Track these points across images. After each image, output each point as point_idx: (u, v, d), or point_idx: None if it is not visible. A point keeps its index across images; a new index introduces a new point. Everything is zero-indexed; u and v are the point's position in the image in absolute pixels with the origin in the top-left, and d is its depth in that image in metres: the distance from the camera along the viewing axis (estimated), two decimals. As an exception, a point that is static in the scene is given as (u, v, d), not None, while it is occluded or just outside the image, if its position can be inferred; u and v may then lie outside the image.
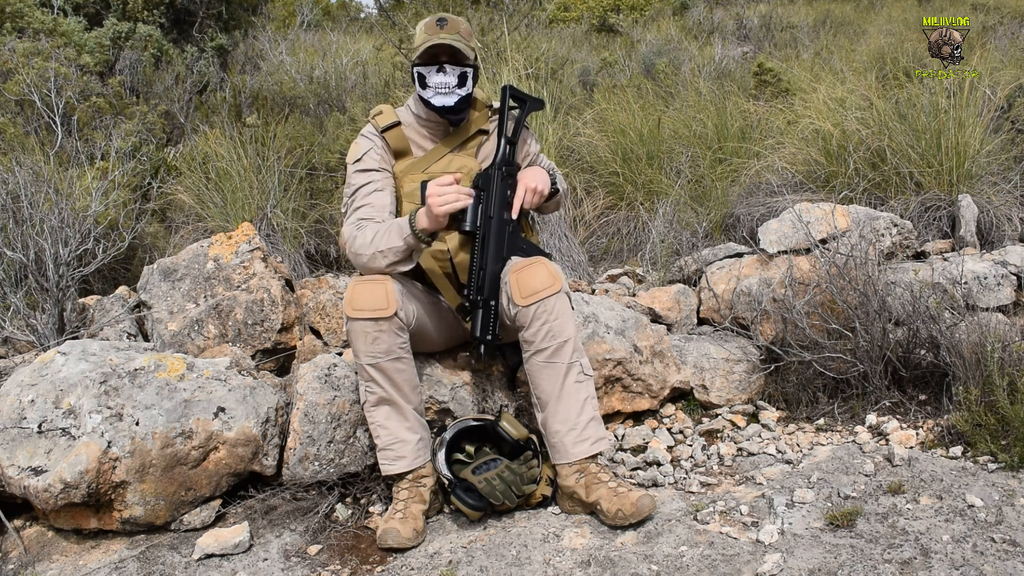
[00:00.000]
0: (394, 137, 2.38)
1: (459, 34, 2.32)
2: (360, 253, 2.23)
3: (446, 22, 2.32)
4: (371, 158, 2.35)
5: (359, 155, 2.36)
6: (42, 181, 3.47)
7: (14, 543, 2.28)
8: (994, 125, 3.95)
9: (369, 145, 2.37)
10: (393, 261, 2.21)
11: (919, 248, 3.39)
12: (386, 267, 2.21)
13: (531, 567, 1.97)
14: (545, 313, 2.16)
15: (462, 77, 2.34)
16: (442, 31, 2.30)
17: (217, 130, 4.87)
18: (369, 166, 2.35)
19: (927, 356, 2.63)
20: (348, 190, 2.37)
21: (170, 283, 3.07)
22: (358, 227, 2.27)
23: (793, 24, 9.79)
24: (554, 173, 2.49)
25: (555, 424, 2.19)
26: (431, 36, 2.30)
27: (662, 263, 3.65)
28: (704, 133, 4.69)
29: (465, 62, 2.34)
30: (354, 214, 2.31)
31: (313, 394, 2.39)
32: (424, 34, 2.32)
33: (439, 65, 2.31)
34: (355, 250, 2.24)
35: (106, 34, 6.62)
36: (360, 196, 2.33)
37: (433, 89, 2.32)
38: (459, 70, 2.33)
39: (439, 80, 2.32)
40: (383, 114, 2.41)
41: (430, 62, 2.32)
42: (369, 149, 2.36)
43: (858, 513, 2.01)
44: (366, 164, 2.35)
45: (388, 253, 2.20)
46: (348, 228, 2.29)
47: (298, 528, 2.28)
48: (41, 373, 2.32)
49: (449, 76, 2.32)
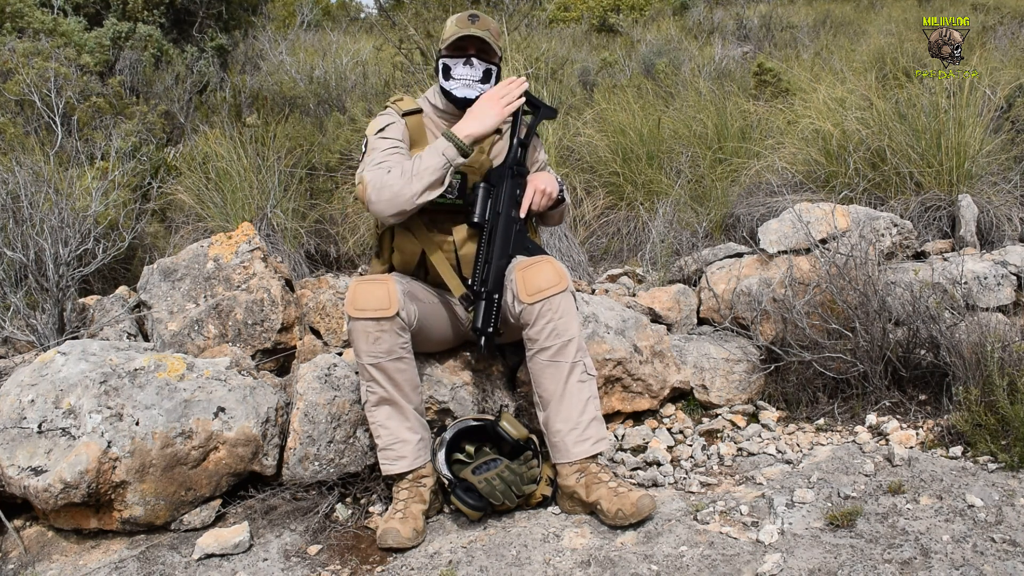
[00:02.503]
0: (412, 124, 2.38)
1: (489, 31, 2.35)
2: (388, 184, 2.15)
3: (478, 18, 2.35)
4: (395, 129, 2.34)
5: (382, 125, 2.34)
6: (42, 181, 3.47)
7: (14, 543, 2.28)
8: (994, 125, 3.95)
9: (393, 119, 2.36)
10: (429, 183, 2.16)
11: (919, 248, 3.39)
12: (421, 191, 2.15)
13: (531, 567, 1.97)
14: (550, 311, 2.16)
15: (487, 73, 2.37)
16: (474, 26, 2.33)
17: (217, 130, 4.88)
18: (392, 135, 2.32)
19: (927, 356, 2.63)
20: (369, 155, 2.29)
21: (170, 283, 3.07)
22: (383, 168, 2.20)
23: (793, 24, 9.79)
24: (562, 184, 2.51)
25: (557, 423, 2.19)
26: (462, 28, 2.32)
27: (662, 263, 3.65)
28: (704, 133, 4.69)
29: (492, 59, 2.38)
30: (375, 162, 2.24)
31: (313, 394, 2.39)
32: (455, 26, 2.34)
33: (467, 58, 2.34)
34: (382, 183, 2.16)
35: (106, 34, 6.62)
36: (377, 157, 2.25)
37: (457, 80, 2.34)
38: (485, 65, 2.36)
39: (464, 72, 2.34)
40: (404, 100, 2.42)
41: (458, 54, 2.35)
42: (393, 123, 2.35)
43: (858, 513, 2.01)
44: (389, 133, 2.32)
45: (423, 174, 2.16)
46: (370, 173, 2.20)
47: (298, 528, 2.28)
48: (41, 373, 2.32)
49: (475, 69, 2.34)
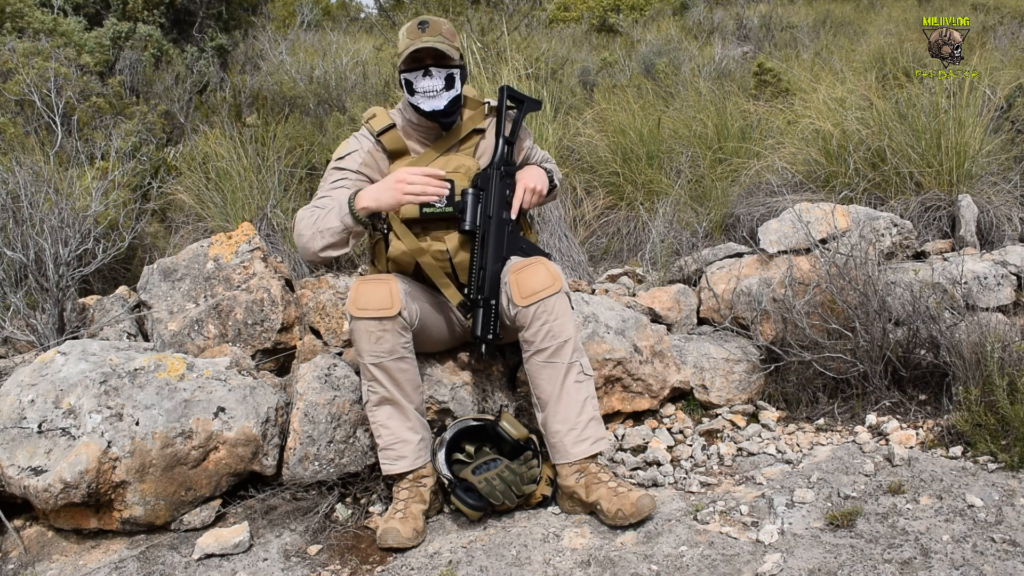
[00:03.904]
0: (390, 139, 2.37)
1: (442, 35, 2.29)
2: (302, 234, 2.23)
3: (427, 24, 2.29)
4: (353, 160, 2.35)
5: (342, 154, 2.37)
6: (42, 181, 3.47)
7: (14, 543, 2.28)
8: (994, 125, 3.96)
9: (356, 147, 2.37)
10: (329, 243, 2.19)
11: (919, 248, 3.39)
12: (321, 249, 2.20)
13: (531, 567, 1.97)
14: (545, 313, 2.16)
15: (449, 79, 2.32)
16: (424, 34, 2.27)
17: (217, 130, 4.88)
18: (347, 165, 2.35)
19: (927, 356, 2.63)
20: (320, 184, 2.37)
21: (170, 283, 3.07)
22: (309, 211, 2.26)
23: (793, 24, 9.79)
24: (550, 165, 2.49)
25: (555, 424, 2.19)
26: (414, 40, 2.27)
27: (662, 263, 3.65)
28: (704, 133, 4.69)
29: (451, 63, 2.32)
30: (311, 203, 2.31)
31: (313, 394, 2.39)
32: (407, 39, 2.30)
33: (424, 69, 2.29)
34: (298, 231, 2.24)
35: (106, 34, 6.62)
36: (323, 189, 2.33)
37: (421, 94, 2.30)
38: (445, 72, 2.31)
39: (426, 84, 2.30)
40: (376, 117, 2.40)
41: (415, 67, 2.30)
42: (354, 151, 2.36)
43: (858, 513, 2.01)
44: (345, 163, 2.35)
45: (325, 234, 2.18)
46: (302, 211, 2.29)
47: (298, 528, 2.28)
48: (41, 373, 2.32)
49: (436, 79, 2.30)
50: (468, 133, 2.42)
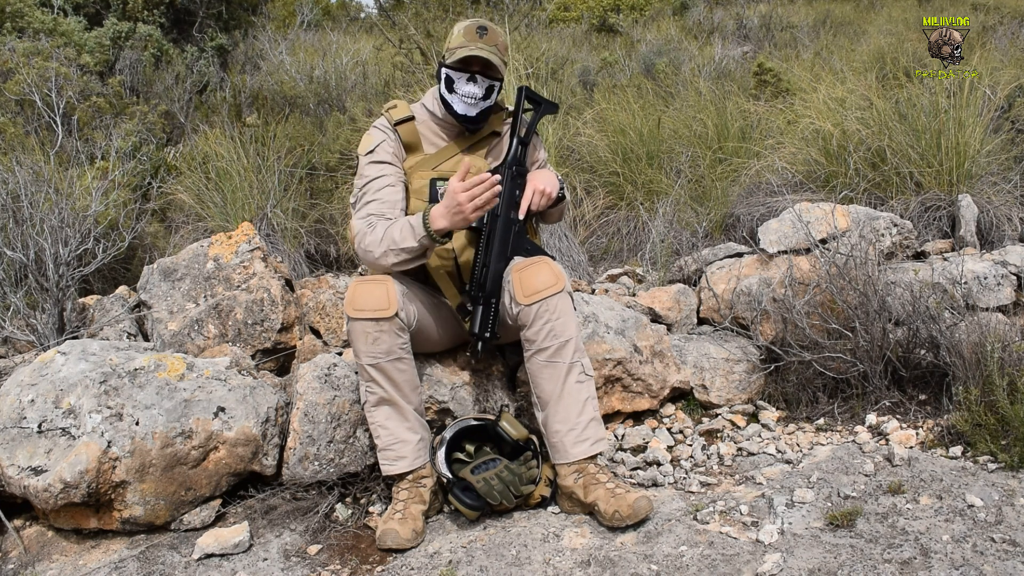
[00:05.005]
0: (406, 131, 2.37)
1: (496, 47, 2.29)
2: (370, 250, 2.22)
3: (487, 32, 2.29)
4: (384, 150, 2.34)
5: (372, 146, 2.35)
6: (42, 181, 3.47)
7: (14, 543, 2.28)
8: (994, 125, 3.96)
9: (382, 137, 2.36)
10: (405, 259, 2.19)
11: (919, 248, 3.39)
12: (394, 264, 2.20)
13: (531, 567, 1.97)
14: (547, 312, 2.16)
15: (489, 89, 2.33)
16: (481, 40, 2.27)
17: (217, 130, 4.88)
18: (382, 158, 2.33)
19: (927, 356, 2.63)
20: (360, 181, 2.35)
21: (170, 283, 3.07)
22: (368, 224, 2.25)
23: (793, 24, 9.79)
24: (562, 182, 2.49)
25: (555, 424, 2.19)
26: (470, 44, 2.27)
27: (662, 263, 3.65)
28: (704, 133, 4.69)
29: (496, 75, 2.33)
30: (364, 208, 2.29)
31: (313, 394, 2.39)
32: (463, 38, 2.29)
33: (471, 75, 2.30)
34: (365, 247, 2.23)
35: (106, 34, 6.62)
36: (371, 190, 2.30)
37: (459, 96, 2.31)
38: (488, 83, 2.32)
39: (468, 90, 2.30)
40: (397, 108, 2.40)
41: (463, 69, 2.30)
42: (382, 141, 2.36)
43: (858, 513, 2.01)
44: (379, 156, 2.34)
45: (400, 252, 2.18)
46: (358, 223, 2.27)
47: (298, 528, 2.28)
48: (41, 373, 2.32)
49: (478, 87, 2.31)
50: (486, 135, 2.44)
